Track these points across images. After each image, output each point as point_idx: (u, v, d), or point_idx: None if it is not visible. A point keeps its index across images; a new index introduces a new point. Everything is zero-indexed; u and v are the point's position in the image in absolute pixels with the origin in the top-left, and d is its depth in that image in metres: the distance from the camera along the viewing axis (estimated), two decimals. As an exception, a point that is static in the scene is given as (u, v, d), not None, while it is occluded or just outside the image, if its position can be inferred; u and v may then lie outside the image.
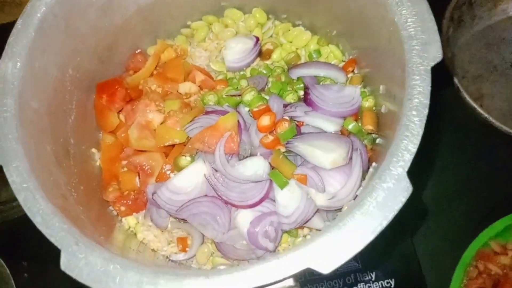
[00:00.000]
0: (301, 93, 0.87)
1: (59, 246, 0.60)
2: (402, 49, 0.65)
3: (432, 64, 0.62)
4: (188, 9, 0.96)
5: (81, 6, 0.78)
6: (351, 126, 0.81)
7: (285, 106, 0.83)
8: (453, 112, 1.13)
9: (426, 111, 0.60)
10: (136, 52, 0.96)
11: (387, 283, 0.97)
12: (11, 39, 0.71)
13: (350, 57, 0.92)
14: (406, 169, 0.58)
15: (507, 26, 1.24)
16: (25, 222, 1.07)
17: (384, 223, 0.55)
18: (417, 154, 0.60)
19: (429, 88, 0.61)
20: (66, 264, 0.59)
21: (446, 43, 1.14)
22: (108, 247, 0.67)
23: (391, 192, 0.57)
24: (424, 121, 0.60)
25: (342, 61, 0.93)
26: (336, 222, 0.57)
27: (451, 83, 1.08)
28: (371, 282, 0.97)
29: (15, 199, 1.09)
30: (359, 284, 0.98)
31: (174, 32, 0.99)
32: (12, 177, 0.64)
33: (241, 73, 0.95)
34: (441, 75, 0.92)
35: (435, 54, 0.63)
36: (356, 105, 0.81)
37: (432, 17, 0.65)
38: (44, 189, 0.65)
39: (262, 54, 0.95)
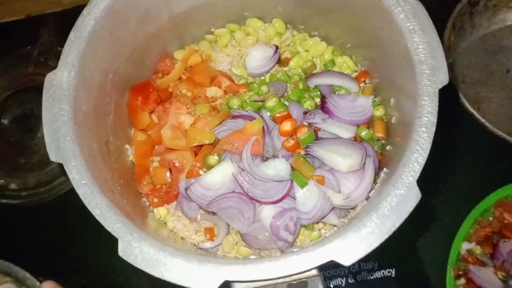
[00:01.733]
0: (318, 100, 0.98)
1: (116, 236, 0.72)
2: (413, 72, 0.76)
3: (440, 87, 0.74)
4: (213, 17, 1.06)
5: (123, 17, 0.88)
6: (364, 133, 0.93)
7: (305, 113, 0.95)
8: (452, 116, 1.25)
9: (434, 128, 0.72)
10: (164, 56, 1.06)
11: (388, 272, 1.10)
12: (65, 50, 0.81)
13: (362, 68, 1.03)
14: (416, 178, 0.70)
15: (504, 34, 1.35)
16: (53, 207, 1.20)
17: (397, 224, 0.68)
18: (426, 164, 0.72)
19: (437, 108, 0.73)
20: (123, 251, 0.70)
21: (447, 49, 1.25)
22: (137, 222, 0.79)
23: (403, 198, 0.69)
24: (432, 137, 0.72)
25: (355, 71, 1.05)
26: (356, 222, 0.69)
27: (450, 88, 1.19)
28: (373, 271, 1.11)
29: (42, 185, 1.22)
30: (362, 272, 1.11)
31: (199, 38, 1.09)
32: (72, 174, 0.75)
33: (261, 78, 1.06)
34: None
35: (443, 78, 0.75)
36: (368, 114, 0.93)
37: (440, 45, 0.77)
38: (99, 184, 0.76)
39: (280, 61, 1.06)
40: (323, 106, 0.94)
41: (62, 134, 0.77)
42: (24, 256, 1.19)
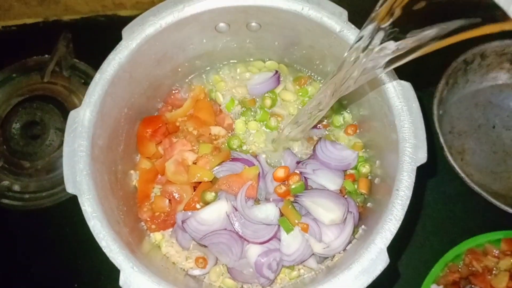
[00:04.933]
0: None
1: (119, 267, 0.83)
2: (396, 147, 0.89)
3: (418, 165, 0.87)
4: (223, 58, 1.18)
5: (143, 60, 0.99)
6: (348, 186, 1.05)
7: (297, 162, 1.07)
8: (436, 166, 1.38)
9: (408, 202, 0.85)
10: (175, 90, 1.17)
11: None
12: (89, 90, 0.92)
13: (355, 122, 1.15)
14: (387, 245, 0.83)
15: (494, 92, 1.47)
16: (52, 212, 1.30)
17: (365, 284, 0.81)
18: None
19: (413, 184, 0.86)
20: (124, 281, 0.82)
21: (439, 102, 1.36)
22: (137, 254, 0.90)
23: (373, 261, 0.82)
24: (406, 209, 0.85)
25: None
26: (330, 277, 0.82)
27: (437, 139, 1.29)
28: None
29: (43, 190, 1.33)
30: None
31: (208, 72, 1.21)
32: (85, 207, 0.86)
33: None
34: (430, 131, 1.17)
35: (422, 157, 0.87)
36: (351, 164, 1.07)
37: (423, 126, 0.89)
38: (107, 216, 0.87)
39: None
40: (315, 147, 1.08)
41: (79, 169, 0.88)
42: (15, 258, 1.32)
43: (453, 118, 1.45)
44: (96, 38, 1.36)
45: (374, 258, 0.82)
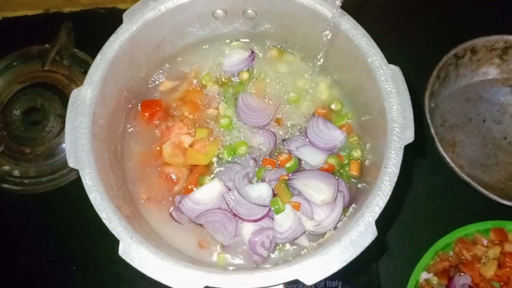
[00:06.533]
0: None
1: (118, 238, 0.87)
2: (385, 127, 0.93)
3: (405, 144, 0.91)
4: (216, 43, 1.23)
5: (143, 44, 1.04)
6: (332, 160, 1.10)
7: (283, 140, 1.14)
8: (428, 158, 1.43)
9: (395, 178, 0.89)
10: (172, 73, 1.21)
11: (351, 290, 1.26)
12: (91, 70, 0.96)
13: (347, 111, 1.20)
14: (375, 219, 0.87)
15: (485, 87, 1.52)
16: (52, 196, 1.34)
17: (354, 255, 0.85)
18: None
19: (400, 161, 0.90)
20: (123, 251, 0.86)
21: (431, 95, 1.40)
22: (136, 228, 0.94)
23: (362, 234, 0.86)
24: (393, 185, 0.89)
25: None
26: (320, 249, 0.86)
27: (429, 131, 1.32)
28: (337, 288, 1.27)
29: (43, 176, 1.36)
30: (327, 289, 1.27)
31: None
32: (86, 180, 0.90)
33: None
34: (422, 123, 1.22)
35: (409, 136, 0.92)
36: (336, 146, 1.12)
37: (411, 108, 0.94)
38: (107, 191, 0.91)
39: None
40: (307, 126, 1.14)
41: (81, 144, 0.92)
42: (14, 242, 1.35)
43: (445, 111, 1.49)
44: (96, 30, 1.39)
45: (363, 230, 0.86)
